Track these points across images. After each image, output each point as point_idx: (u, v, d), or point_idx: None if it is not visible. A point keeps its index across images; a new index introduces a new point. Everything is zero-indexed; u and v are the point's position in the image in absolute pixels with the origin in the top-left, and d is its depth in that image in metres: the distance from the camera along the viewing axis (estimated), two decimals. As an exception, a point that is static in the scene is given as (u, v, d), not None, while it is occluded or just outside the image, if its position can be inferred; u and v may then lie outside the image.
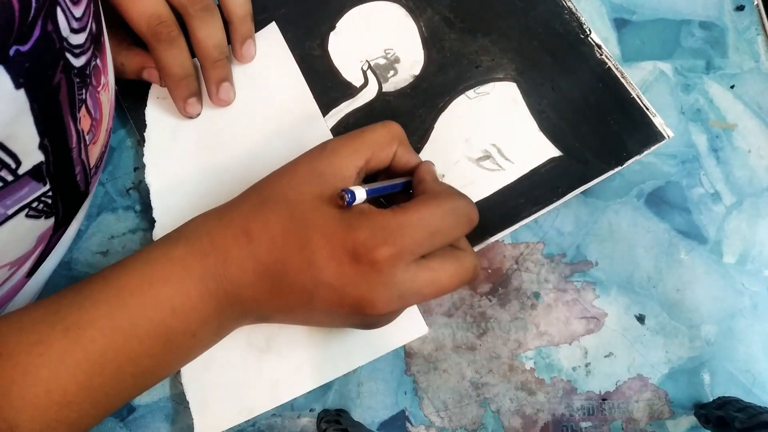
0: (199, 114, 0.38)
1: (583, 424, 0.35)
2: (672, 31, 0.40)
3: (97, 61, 0.28)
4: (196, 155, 0.37)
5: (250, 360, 0.34)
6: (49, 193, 0.26)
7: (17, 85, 0.21)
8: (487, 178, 0.36)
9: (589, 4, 0.40)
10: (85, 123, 0.28)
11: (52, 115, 0.24)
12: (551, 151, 0.36)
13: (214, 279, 0.27)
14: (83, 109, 0.27)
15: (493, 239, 0.35)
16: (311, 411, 0.35)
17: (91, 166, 0.31)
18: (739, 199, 0.37)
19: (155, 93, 0.39)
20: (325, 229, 0.27)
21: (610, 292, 0.36)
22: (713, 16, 0.40)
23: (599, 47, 0.37)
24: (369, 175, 0.31)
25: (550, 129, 0.37)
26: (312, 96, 0.38)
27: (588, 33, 0.38)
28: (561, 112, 0.37)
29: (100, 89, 0.29)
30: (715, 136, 0.38)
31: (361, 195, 0.27)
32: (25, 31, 0.20)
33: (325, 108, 0.38)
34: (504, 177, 0.36)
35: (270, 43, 0.39)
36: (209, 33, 0.35)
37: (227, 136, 0.38)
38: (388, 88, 0.38)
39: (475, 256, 0.29)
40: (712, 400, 0.35)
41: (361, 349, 0.34)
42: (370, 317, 0.27)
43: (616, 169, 0.36)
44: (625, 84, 0.37)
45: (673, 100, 0.39)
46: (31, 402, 0.24)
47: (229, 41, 0.37)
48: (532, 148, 0.36)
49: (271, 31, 0.39)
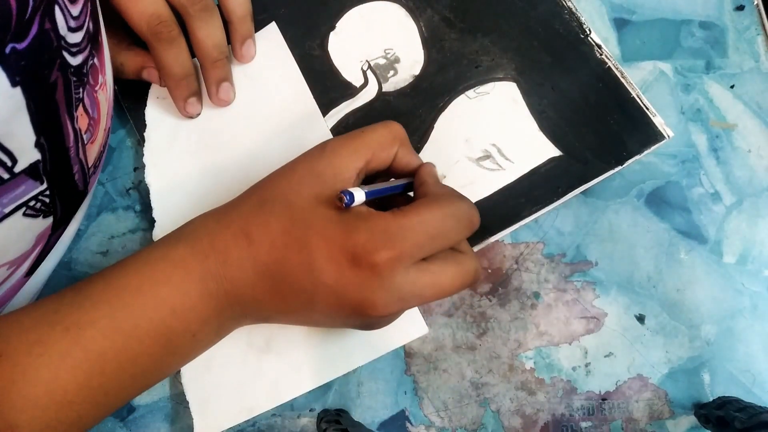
0: (199, 114, 0.38)
1: (583, 424, 0.35)
2: (672, 31, 0.40)
3: (95, 60, 0.28)
4: (196, 155, 0.37)
5: (250, 360, 0.34)
6: (47, 192, 0.26)
7: (13, 83, 0.21)
8: (487, 178, 0.36)
9: (589, 4, 0.40)
10: (82, 122, 0.28)
11: (48, 114, 0.24)
12: (551, 151, 0.36)
13: (214, 279, 0.27)
14: (80, 108, 0.27)
15: (493, 239, 0.35)
16: (311, 411, 0.35)
17: (90, 165, 0.31)
18: (739, 199, 0.37)
19: (155, 93, 0.39)
20: (325, 231, 0.26)
21: (610, 292, 0.36)
22: (713, 16, 0.40)
23: (599, 47, 0.37)
24: (369, 176, 0.31)
25: (550, 129, 0.37)
26: (312, 96, 0.38)
27: (588, 33, 0.38)
28: (561, 112, 0.37)
29: (97, 88, 0.29)
30: (715, 136, 0.38)
31: (360, 197, 0.27)
32: (22, 28, 0.20)
33: (325, 108, 0.38)
34: (504, 177, 0.36)
35: (270, 43, 0.39)
36: (209, 33, 0.35)
37: (227, 136, 0.38)
38: (388, 88, 0.38)
39: (476, 260, 0.29)
40: (712, 400, 0.35)
41: (361, 349, 0.34)
42: (371, 319, 0.27)
43: (616, 169, 0.36)
44: (625, 84, 0.37)
45: (673, 100, 0.39)
46: (31, 402, 0.24)
47: (229, 41, 0.37)
48: (532, 148, 0.36)
49: (271, 31, 0.39)
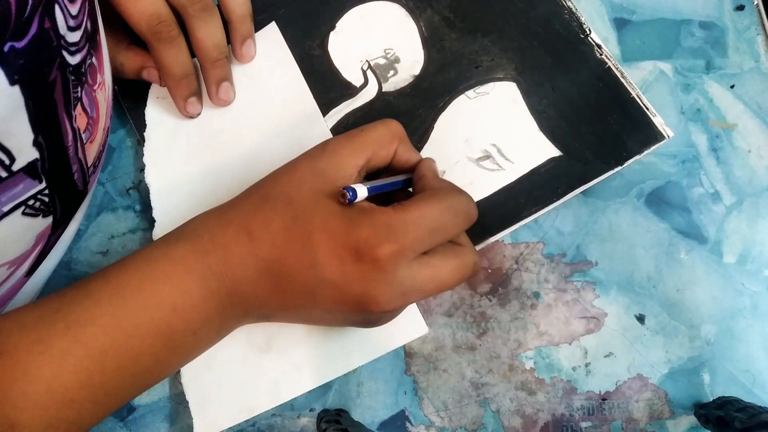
0: (199, 114, 0.38)
1: (583, 424, 0.35)
2: (672, 31, 0.40)
3: (93, 59, 0.28)
4: (196, 155, 0.37)
5: (251, 359, 0.34)
6: (46, 191, 0.26)
7: (12, 82, 0.21)
8: (487, 178, 0.36)
9: (589, 4, 0.40)
10: (81, 121, 0.28)
11: (46, 113, 0.24)
12: (551, 151, 0.36)
13: (216, 278, 0.27)
14: (79, 107, 0.27)
15: (493, 239, 0.35)
16: (311, 411, 0.35)
17: (89, 165, 0.31)
18: (739, 199, 0.37)
19: (155, 93, 0.39)
20: (327, 226, 0.27)
21: (610, 292, 0.36)
22: (713, 16, 0.40)
23: (599, 47, 0.37)
24: (370, 174, 0.31)
25: (550, 129, 0.37)
26: (312, 96, 0.38)
27: (588, 33, 0.38)
28: (561, 112, 0.37)
29: (96, 88, 0.29)
30: (715, 135, 0.38)
31: (362, 192, 0.27)
32: (22, 27, 0.20)
33: (325, 108, 0.38)
34: (504, 177, 0.36)
35: (270, 43, 0.39)
36: (209, 33, 0.35)
37: (227, 136, 0.38)
38: (388, 88, 0.38)
39: (475, 252, 0.29)
40: (712, 400, 0.35)
41: (361, 349, 0.34)
42: (373, 314, 0.27)
43: (616, 169, 0.36)
44: (625, 84, 0.37)
45: (673, 100, 0.39)
46: (32, 400, 0.24)
47: (228, 41, 0.37)
48: (532, 148, 0.36)
49: (271, 31, 0.39)
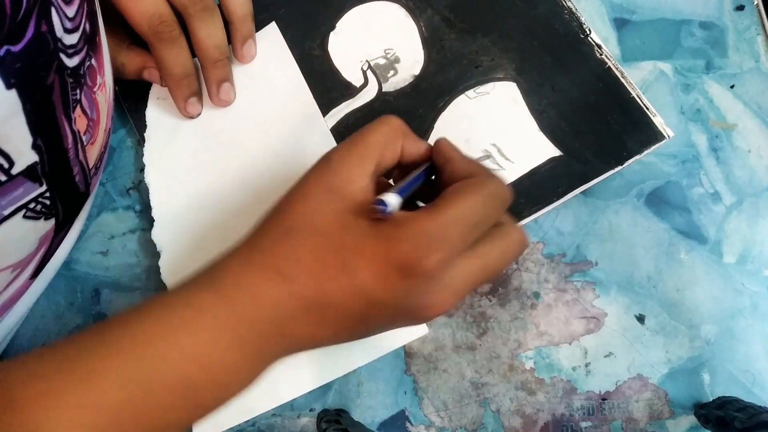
0: (199, 114, 0.38)
1: (583, 424, 0.35)
2: (672, 31, 0.40)
3: (92, 61, 0.28)
4: (196, 155, 0.37)
5: (251, 360, 0.34)
6: (47, 194, 0.26)
7: (8, 86, 0.21)
8: (487, 178, 0.36)
9: (589, 4, 0.40)
10: (81, 123, 0.28)
11: (45, 116, 0.24)
12: (551, 150, 0.36)
13: (246, 324, 0.25)
14: (78, 109, 0.27)
15: (493, 239, 0.35)
16: (311, 411, 0.35)
17: (91, 166, 0.31)
18: (739, 199, 0.37)
19: (155, 93, 0.39)
20: (362, 250, 0.25)
21: (610, 292, 0.36)
22: (713, 16, 0.40)
23: (599, 47, 0.37)
24: (382, 175, 0.29)
25: (550, 129, 0.37)
26: (312, 96, 0.38)
27: (588, 33, 0.38)
28: (561, 112, 0.37)
29: (96, 89, 0.29)
30: (715, 136, 0.38)
31: (395, 201, 0.25)
32: (17, 30, 0.20)
33: (325, 108, 0.38)
34: (504, 177, 0.36)
35: (270, 43, 0.39)
36: (210, 33, 0.35)
37: (227, 136, 0.38)
38: (388, 88, 0.38)
39: (518, 228, 0.27)
40: (712, 400, 0.35)
41: (361, 349, 0.34)
42: (428, 319, 0.26)
43: (616, 169, 0.36)
44: (625, 84, 0.37)
45: (673, 100, 0.39)
46: None
47: (229, 41, 0.37)
48: (532, 148, 0.36)
49: (271, 31, 0.39)
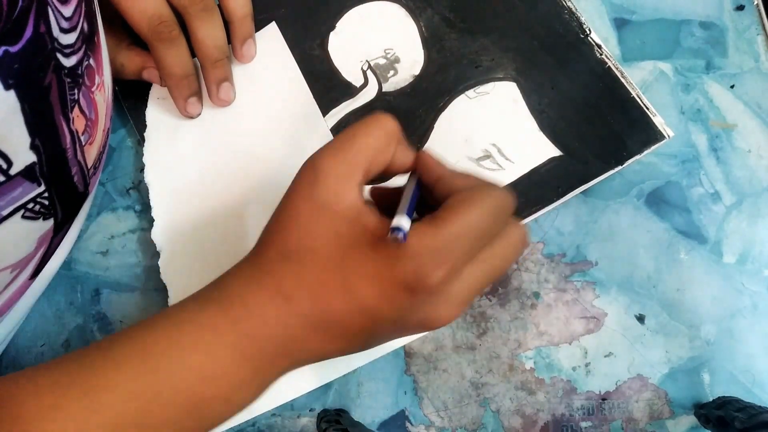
0: (199, 114, 0.38)
1: (583, 424, 0.35)
2: (672, 31, 0.40)
3: (90, 61, 0.28)
4: (196, 155, 0.38)
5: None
6: (45, 194, 0.26)
7: (6, 86, 0.21)
8: (487, 178, 0.36)
9: (589, 4, 0.40)
10: (79, 123, 0.27)
11: (43, 116, 0.24)
12: (551, 150, 0.36)
13: (253, 343, 0.25)
14: (76, 109, 0.27)
15: (493, 239, 0.35)
16: (311, 411, 0.35)
17: (89, 166, 0.31)
18: (739, 199, 0.37)
19: (155, 93, 0.39)
20: (364, 271, 0.24)
21: (610, 292, 0.36)
22: (713, 16, 0.40)
23: (599, 47, 0.37)
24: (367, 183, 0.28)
25: (550, 129, 0.37)
26: (312, 96, 0.38)
27: (588, 33, 0.38)
28: (561, 112, 0.37)
29: (94, 89, 0.29)
30: (715, 135, 0.38)
31: (408, 226, 0.23)
32: (15, 31, 0.20)
33: (325, 108, 0.38)
34: (504, 177, 0.36)
35: (270, 43, 0.39)
36: (209, 33, 0.35)
37: (227, 137, 0.38)
38: (388, 88, 0.38)
39: (519, 225, 0.26)
40: (712, 400, 0.35)
41: (361, 349, 0.34)
42: (436, 329, 0.26)
43: (616, 169, 0.36)
44: (625, 84, 0.37)
45: (673, 99, 0.39)
46: None
47: (229, 41, 0.37)
48: (532, 148, 0.36)
49: (271, 31, 0.39)
